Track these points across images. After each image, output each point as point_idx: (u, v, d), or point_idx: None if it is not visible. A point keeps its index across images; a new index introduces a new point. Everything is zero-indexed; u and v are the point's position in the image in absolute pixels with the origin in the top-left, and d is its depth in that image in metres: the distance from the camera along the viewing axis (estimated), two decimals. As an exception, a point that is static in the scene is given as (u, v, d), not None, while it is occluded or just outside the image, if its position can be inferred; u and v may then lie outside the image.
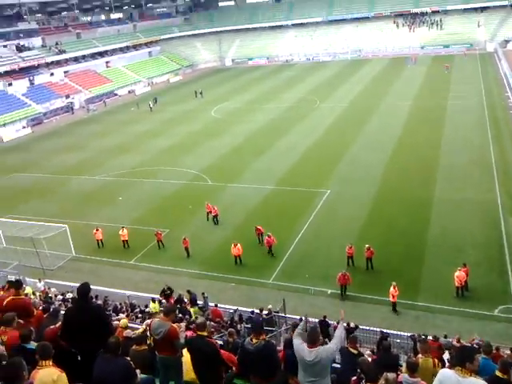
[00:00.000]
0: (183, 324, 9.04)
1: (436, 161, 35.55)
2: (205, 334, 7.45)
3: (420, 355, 9.67)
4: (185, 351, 8.75)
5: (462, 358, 5.79)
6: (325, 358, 6.65)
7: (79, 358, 6.92)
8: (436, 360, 10.11)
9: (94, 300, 19.87)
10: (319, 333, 7.00)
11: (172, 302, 19.99)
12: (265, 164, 39.10)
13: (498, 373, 7.33)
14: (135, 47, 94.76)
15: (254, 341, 7.10)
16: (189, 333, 13.02)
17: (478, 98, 51.73)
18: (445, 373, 5.94)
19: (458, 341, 16.07)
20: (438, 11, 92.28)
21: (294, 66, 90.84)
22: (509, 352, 15.50)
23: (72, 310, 7.64)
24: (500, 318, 19.24)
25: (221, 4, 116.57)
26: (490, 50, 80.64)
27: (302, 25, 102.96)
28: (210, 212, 29.54)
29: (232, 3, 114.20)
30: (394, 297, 20.15)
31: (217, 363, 7.47)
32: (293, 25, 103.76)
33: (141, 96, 76.26)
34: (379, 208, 29.26)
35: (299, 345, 6.87)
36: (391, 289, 20.07)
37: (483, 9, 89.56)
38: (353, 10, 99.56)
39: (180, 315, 17.96)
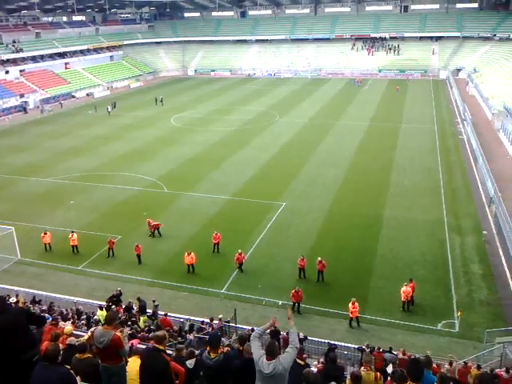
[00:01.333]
0: (127, 329, 8.87)
1: (387, 181, 36.72)
2: (161, 347, 7.26)
3: (363, 368, 9.88)
4: (131, 359, 8.63)
5: (417, 377, 6.02)
6: (282, 369, 6.52)
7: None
8: (378, 374, 10.40)
9: (37, 306, 19.20)
10: (277, 346, 6.99)
11: (121, 309, 19.63)
12: (222, 175, 39.16)
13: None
14: (96, 50, 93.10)
15: (213, 355, 7.08)
16: (135, 341, 12.81)
17: (430, 123, 54.00)
18: None
19: (404, 353, 16.59)
20: (396, 37, 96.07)
21: (257, 80, 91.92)
22: (448, 366, 16.17)
23: None
24: (442, 332, 19.97)
25: (186, 14, 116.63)
26: (443, 77, 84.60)
27: (265, 41, 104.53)
28: (152, 228, 28.65)
29: (197, 14, 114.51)
30: (352, 312, 20.37)
31: (165, 381, 7.31)
32: (257, 40, 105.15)
33: (99, 99, 74.85)
34: (332, 223, 29.87)
35: (259, 356, 6.75)
36: (350, 304, 20.32)
37: (438, 38, 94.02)
38: (314, 31, 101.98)
39: (129, 323, 17.67)
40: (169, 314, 19.87)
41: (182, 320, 20.03)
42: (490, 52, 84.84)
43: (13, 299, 19.24)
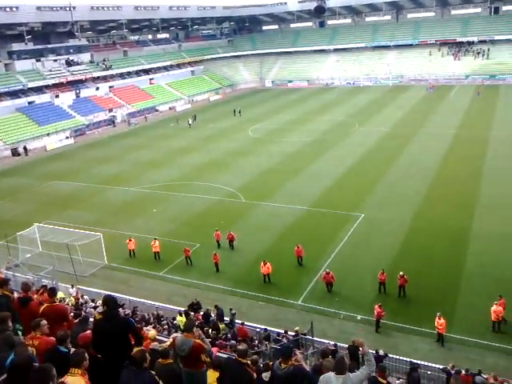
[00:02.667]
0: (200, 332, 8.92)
1: (478, 191, 34.56)
2: (245, 361, 7.36)
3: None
4: (208, 372, 8.69)
5: None
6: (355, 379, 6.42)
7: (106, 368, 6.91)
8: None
9: (121, 310, 20.08)
10: (346, 363, 6.83)
11: (199, 317, 20.00)
12: (299, 185, 38.94)
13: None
14: (179, 66, 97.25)
15: (283, 365, 7.07)
16: (214, 349, 12.90)
17: (523, 129, 50.26)
18: None
19: (496, 379, 15.29)
20: (486, 41, 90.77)
21: (334, 89, 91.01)
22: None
23: (100, 320, 7.70)
24: (540, 357, 18.26)
25: (264, 27, 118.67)
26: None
27: (344, 50, 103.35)
28: (218, 240, 28.85)
29: (276, 27, 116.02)
30: (441, 328, 19.31)
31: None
32: (335, 49, 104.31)
33: (181, 112, 77.86)
34: (414, 236, 28.54)
35: (325, 375, 6.67)
36: (436, 319, 19.33)
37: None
38: (396, 37, 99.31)
39: (210, 330, 17.97)
40: (245, 323, 19.94)
41: (258, 330, 20.01)
42: None
43: (100, 302, 20.34)
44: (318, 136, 54.88)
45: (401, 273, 22.47)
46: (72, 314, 12.76)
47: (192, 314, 19.44)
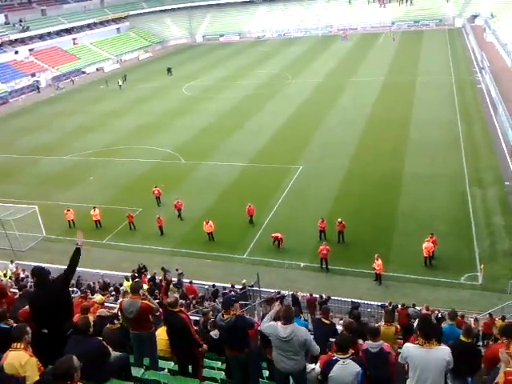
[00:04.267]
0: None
1: (406, 137, 36.13)
2: (176, 309, 7.73)
3: (382, 323, 10.00)
4: (160, 330, 8.95)
5: (427, 334, 6.05)
6: (301, 338, 6.78)
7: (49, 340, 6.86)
8: (398, 327, 10.52)
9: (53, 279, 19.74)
10: (293, 312, 7.14)
11: (146, 280, 20.08)
12: (238, 142, 39.00)
13: (462, 337, 7.73)
14: (103, 23, 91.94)
15: (225, 317, 7.35)
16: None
17: (447, 74, 52.48)
18: (409, 347, 6.21)
19: (427, 309, 16.69)
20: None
21: (266, 42, 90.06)
22: (472, 319, 16.25)
23: (33, 292, 7.61)
24: (465, 285, 20.02)
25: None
26: (459, 26, 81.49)
27: (273, 0, 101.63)
28: (159, 197, 29.21)
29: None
30: (378, 269, 20.59)
31: (188, 337, 7.72)
32: (264, 0, 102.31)
33: (110, 73, 74.43)
34: (351, 183, 29.73)
35: (271, 325, 6.99)
36: (374, 260, 20.57)
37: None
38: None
39: (156, 291, 18.13)
40: (194, 281, 20.29)
41: (206, 287, 20.47)
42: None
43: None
44: (254, 91, 54.61)
45: (339, 219, 23.50)
46: (12, 289, 12.49)
47: (137, 278, 19.45)
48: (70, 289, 15.14)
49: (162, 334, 8.96)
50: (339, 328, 10.19)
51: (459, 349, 6.92)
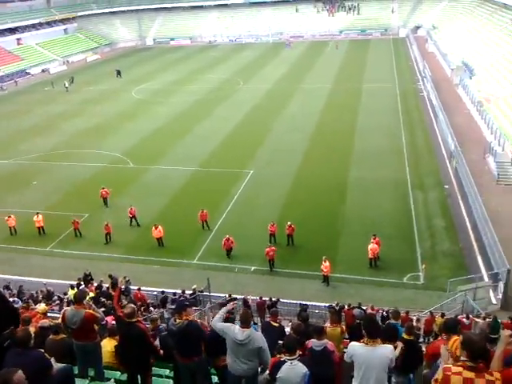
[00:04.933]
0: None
1: (352, 143, 37.13)
2: (133, 320, 7.50)
3: (328, 324, 10.26)
4: (105, 341, 8.74)
5: (372, 333, 6.26)
6: (256, 343, 6.83)
7: None
8: (344, 327, 10.83)
9: (7, 291, 18.96)
10: (251, 316, 7.23)
11: (93, 288, 19.61)
12: (187, 146, 38.78)
13: (404, 335, 8.09)
14: (49, 24, 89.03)
15: (177, 321, 7.25)
16: (109, 318, 12.88)
17: (391, 82, 54.49)
18: (354, 346, 6.39)
19: (373, 308, 17.27)
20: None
21: (217, 47, 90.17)
22: (414, 318, 16.95)
23: None
24: (408, 284, 20.83)
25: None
26: (403, 36, 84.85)
27: (224, 6, 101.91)
28: (106, 198, 29.01)
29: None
30: (326, 270, 21.04)
31: (145, 348, 7.56)
32: (215, 5, 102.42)
33: (55, 75, 72.16)
34: (299, 188, 30.22)
35: (229, 326, 7.00)
36: (322, 262, 21.00)
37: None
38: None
39: (103, 300, 17.72)
40: (142, 288, 19.98)
41: (155, 293, 20.21)
42: (448, 8, 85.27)
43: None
44: (204, 95, 54.52)
45: (288, 223, 23.88)
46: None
47: (82, 285, 18.97)
48: (11, 299, 14.62)
49: (107, 345, 8.79)
50: (288, 330, 10.35)
51: (403, 345, 7.21)
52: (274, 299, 18.53)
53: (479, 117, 38.36)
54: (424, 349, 8.30)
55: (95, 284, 20.26)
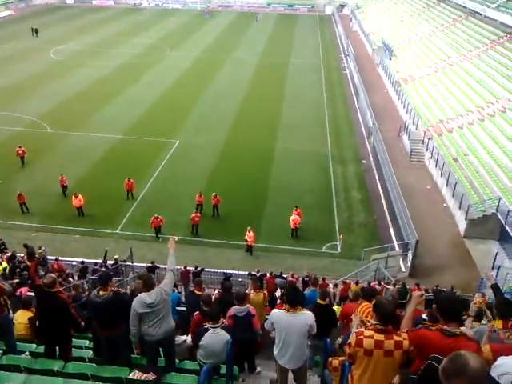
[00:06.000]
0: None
1: (279, 114, 37.84)
2: (54, 290, 7.23)
3: (252, 291, 10.66)
4: (18, 313, 8.43)
5: (293, 301, 6.57)
6: (165, 295, 6.83)
7: None
8: (266, 294, 11.30)
9: None
10: (154, 280, 7.14)
11: (4, 257, 18.69)
12: (111, 112, 37.34)
13: (318, 300, 8.60)
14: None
15: (102, 293, 7.08)
16: (23, 289, 12.45)
17: (317, 58, 55.62)
18: (275, 313, 6.67)
19: (293, 276, 18.08)
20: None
21: (143, 10, 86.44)
22: (331, 284, 17.98)
23: None
24: (326, 253, 21.97)
25: None
26: (329, 13, 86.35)
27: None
28: (23, 157, 28.14)
29: None
30: (250, 240, 21.53)
31: (66, 318, 7.37)
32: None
33: (-39, 29, 65.82)
34: (227, 157, 30.45)
35: (136, 298, 6.91)
36: (247, 232, 21.45)
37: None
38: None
39: (18, 270, 16.98)
40: (61, 258, 19.35)
41: (74, 263, 19.67)
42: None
43: None
44: (129, 60, 52.41)
45: (213, 193, 24.06)
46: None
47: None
48: None
49: (20, 317, 8.52)
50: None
51: (316, 311, 7.67)
52: (199, 268, 18.77)
53: (397, 96, 40.44)
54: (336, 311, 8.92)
55: (9, 254, 19.29)
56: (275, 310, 6.83)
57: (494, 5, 42.90)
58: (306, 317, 6.52)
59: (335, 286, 17.80)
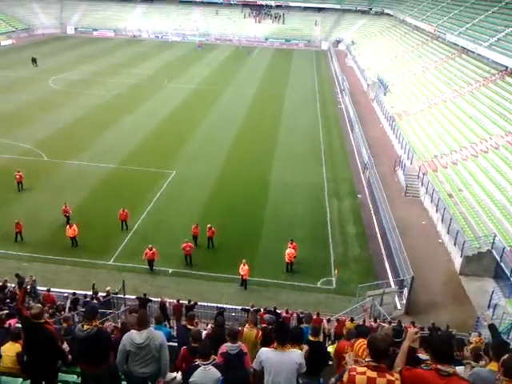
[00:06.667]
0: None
1: (273, 147, 38.14)
2: (42, 321, 7.07)
3: (247, 325, 10.43)
4: (6, 345, 8.20)
5: (281, 339, 6.47)
6: (157, 340, 6.73)
7: None
8: (260, 332, 11.08)
9: None
10: (147, 317, 7.05)
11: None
12: (108, 142, 37.52)
13: (310, 337, 8.46)
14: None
15: (86, 327, 6.93)
16: (12, 321, 12.20)
17: (312, 92, 56.52)
18: (263, 351, 6.56)
19: (287, 312, 17.81)
20: (282, 6, 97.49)
21: (143, 42, 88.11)
22: (325, 320, 17.72)
23: None
24: (321, 289, 21.72)
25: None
26: (325, 48, 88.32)
27: (151, 1, 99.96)
28: (20, 182, 28.54)
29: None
30: (244, 274, 21.25)
31: (53, 351, 7.16)
32: (142, 0, 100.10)
33: (-38, 57, 66.66)
34: (221, 189, 30.45)
35: (126, 334, 6.83)
36: (241, 266, 21.22)
37: (320, 9, 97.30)
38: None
39: (8, 301, 16.65)
40: (52, 289, 19.02)
41: (65, 295, 19.32)
42: (367, 25, 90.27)
43: None
44: (127, 90, 53.04)
45: (209, 225, 23.93)
46: None
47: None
48: None
49: (9, 349, 8.31)
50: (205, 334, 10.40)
51: (307, 348, 7.54)
52: (192, 302, 18.49)
53: (391, 131, 40.96)
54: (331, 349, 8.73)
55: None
56: (263, 349, 6.72)
57: (486, 43, 44.04)
58: (295, 355, 6.41)
59: (328, 320, 17.54)
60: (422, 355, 7.40)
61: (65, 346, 8.14)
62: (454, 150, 32.39)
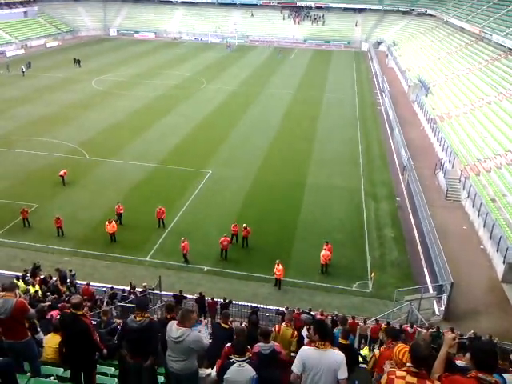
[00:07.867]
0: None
1: (310, 149, 37.85)
2: (79, 312, 7.26)
3: (284, 324, 10.37)
4: (49, 336, 8.43)
5: (323, 334, 6.32)
6: (191, 342, 6.77)
7: None
8: (295, 332, 11.00)
9: None
10: (191, 315, 7.09)
11: (38, 280, 19.01)
12: (148, 141, 38.26)
13: (340, 340, 8.37)
14: (8, 5, 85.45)
15: (138, 318, 7.11)
16: (54, 312, 12.58)
17: (351, 94, 55.84)
18: (305, 349, 6.37)
19: (322, 314, 17.63)
20: (322, 7, 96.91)
21: (183, 44, 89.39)
22: (361, 324, 17.46)
23: None
24: (357, 292, 21.38)
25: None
26: (365, 49, 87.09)
27: (192, 3, 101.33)
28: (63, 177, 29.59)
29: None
30: (278, 274, 21.20)
31: (88, 342, 7.31)
32: (182, 2, 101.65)
33: (12, 58, 69.39)
34: (257, 190, 30.48)
35: (170, 324, 6.96)
36: (276, 266, 21.16)
37: (361, 10, 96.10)
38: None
39: (48, 293, 17.22)
40: (91, 283, 19.54)
41: (104, 289, 19.82)
42: (408, 26, 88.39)
43: None
44: (167, 91, 53.93)
45: (244, 225, 24.03)
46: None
47: (28, 277, 18.36)
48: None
49: (49, 341, 8.53)
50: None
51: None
52: (227, 300, 18.58)
53: (432, 134, 39.96)
54: (373, 353, 8.58)
55: (42, 276, 19.62)
56: (304, 348, 6.47)
57: (534, 44, 42.39)
58: (337, 355, 6.16)
59: (364, 321, 17.29)
60: (460, 362, 7.18)
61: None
62: (498, 154, 31.28)
